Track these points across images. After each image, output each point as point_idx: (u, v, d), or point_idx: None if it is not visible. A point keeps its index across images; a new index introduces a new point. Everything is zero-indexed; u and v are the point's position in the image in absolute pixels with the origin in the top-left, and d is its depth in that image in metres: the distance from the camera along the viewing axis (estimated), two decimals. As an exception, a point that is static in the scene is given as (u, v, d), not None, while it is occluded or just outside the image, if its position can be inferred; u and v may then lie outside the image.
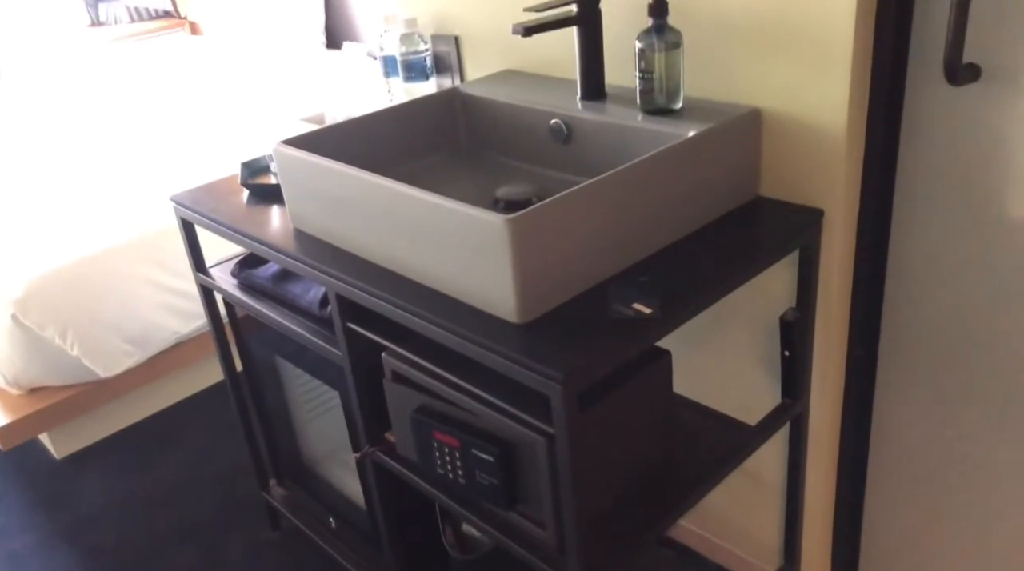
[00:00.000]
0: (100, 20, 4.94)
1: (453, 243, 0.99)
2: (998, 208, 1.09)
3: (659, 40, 1.17)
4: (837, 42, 1.06)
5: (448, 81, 1.66)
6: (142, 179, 2.38)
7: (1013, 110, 1.03)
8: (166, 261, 2.05)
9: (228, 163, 2.32)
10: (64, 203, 2.27)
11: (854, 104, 1.09)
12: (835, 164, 1.13)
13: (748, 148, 1.19)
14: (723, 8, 1.17)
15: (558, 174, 1.31)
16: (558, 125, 1.30)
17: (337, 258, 1.17)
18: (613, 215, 1.02)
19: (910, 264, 1.22)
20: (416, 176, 1.33)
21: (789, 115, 1.16)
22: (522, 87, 1.42)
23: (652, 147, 1.13)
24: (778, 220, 1.17)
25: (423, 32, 1.64)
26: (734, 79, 1.20)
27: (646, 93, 1.20)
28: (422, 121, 1.41)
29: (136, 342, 2.02)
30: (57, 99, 3.41)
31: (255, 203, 1.40)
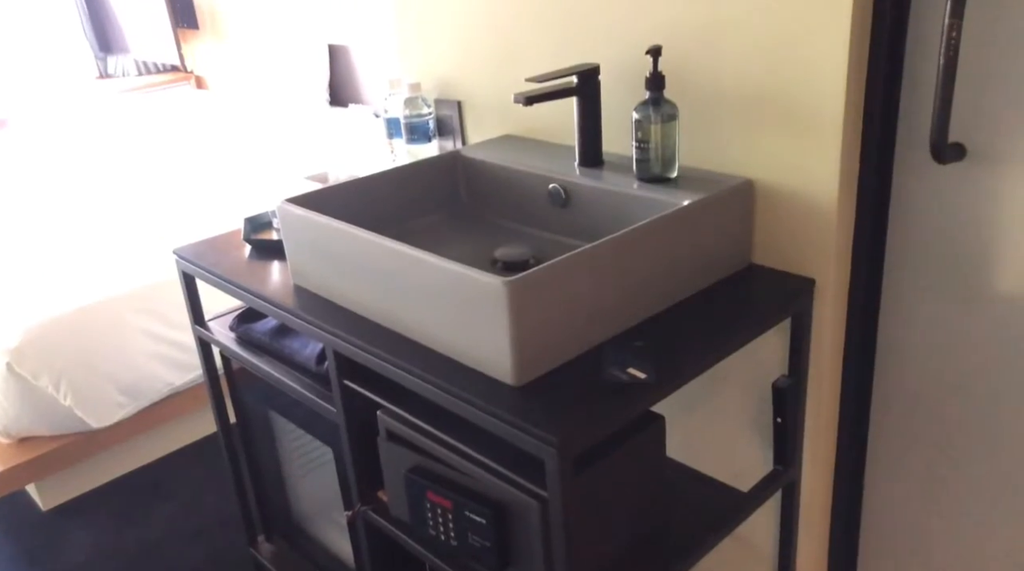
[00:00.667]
0: (108, 72, 5.04)
1: (451, 303, 1.00)
2: (985, 282, 1.12)
3: (656, 112, 1.21)
4: (827, 119, 1.10)
5: (450, 144, 1.70)
6: (143, 230, 2.40)
7: (997, 189, 1.06)
8: (163, 312, 2.06)
9: (230, 217, 2.36)
10: (64, 252, 2.29)
11: (844, 178, 1.13)
12: (826, 235, 1.16)
13: (741, 217, 1.22)
14: (718, 83, 1.22)
15: (555, 237, 1.34)
16: (556, 190, 1.33)
17: (336, 315, 1.19)
18: (609, 280, 1.04)
19: (901, 334, 1.24)
20: (416, 236, 1.36)
21: (781, 187, 1.19)
22: (522, 152, 1.46)
23: (648, 214, 1.16)
24: (771, 288, 1.20)
25: (427, 96, 1.68)
26: (728, 151, 1.24)
27: (642, 162, 1.24)
28: (424, 182, 1.44)
29: (130, 393, 2.02)
30: (63, 149, 3.46)
31: (257, 258, 1.42)
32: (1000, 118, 1.03)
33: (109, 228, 2.44)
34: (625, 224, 1.15)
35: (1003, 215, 1.07)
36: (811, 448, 1.31)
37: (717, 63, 1.21)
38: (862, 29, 1.06)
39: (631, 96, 1.32)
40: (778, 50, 1.12)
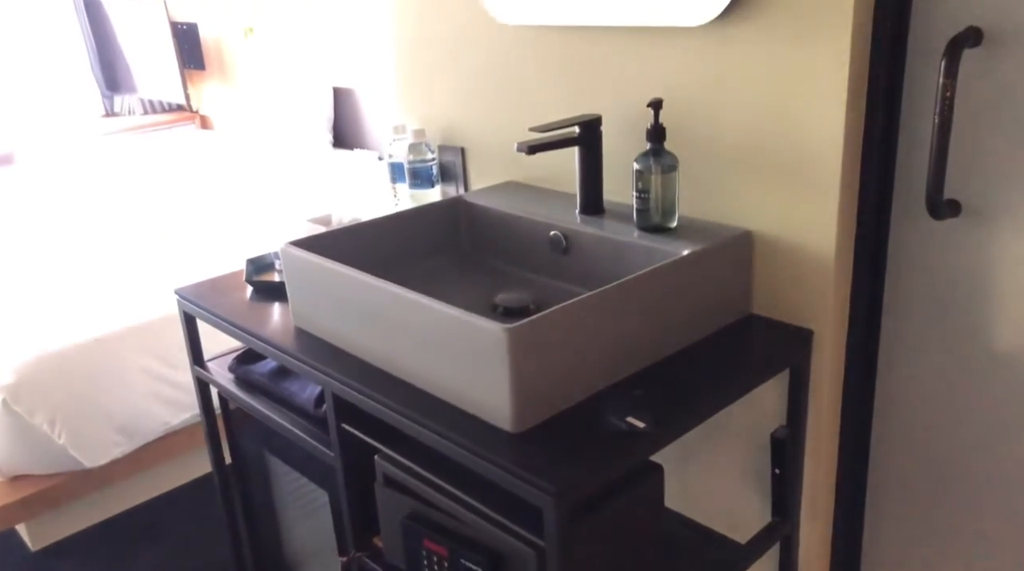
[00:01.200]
0: (114, 111, 5.10)
1: (451, 348, 1.01)
2: (982, 336, 1.13)
3: (656, 163, 1.23)
4: (825, 173, 1.12)
5: (453, 189, 1.72)
6: (144, 268, 2.41)
7: (992, 245, 1.08)
8: (162, 351, 2.06)
9: (233, 257, 2.37)
10: (65, 288, 2.30)
11: (842, 231, 1.14)
12: (824, 288, 1.17)
13: (740, 268, 1.23)
14: (718, 136, 1.24)
15: (555, 283, 1.34)
16: (557, 237, 1.35)
17: (336, 358, 1.19)
18: (609, 328, 1.05)
19: (899, 386, 1.24)
20: (418, 280, 1.37)
21: (780, 238, 1.20)
22: (524, 199, 1.48)
23: (647, 263, 1.17)
24: (769, 339, 1.20)
25: (431, 142, 1.71)
26: (727, 202, 1.26)
27: (643, 211, 1.25)
28: (426, 227, 1.46)
29: (125, 432, 2.01)
30: (67, 185, 3.48)
31: (258, 299, 1.43)
32: (994, 176, 1.05)
33: (110, 265, 2.45)
34: (625, 272, 1.16)
35: (998, 270, 1.08)
36: (809, 500, 1.30)
37: (717, 117, 1.23)
38: (858, 88, 1.09)
39: (632, 146, 1.34)
40: (777, 106, 1.15)
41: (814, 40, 1.08)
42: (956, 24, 1.02)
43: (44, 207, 3.21)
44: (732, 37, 1.17)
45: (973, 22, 1.00)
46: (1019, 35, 0.98)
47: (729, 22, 1.16)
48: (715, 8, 1.14)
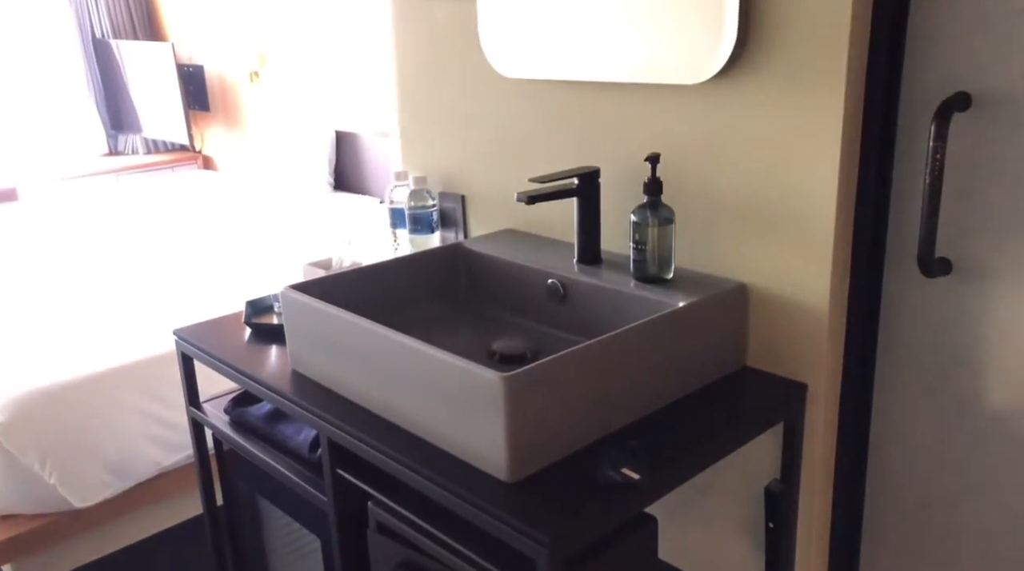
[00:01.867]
0: (118, 149, 5.15)
1: (448, 395, 1.02)
2: (974, 393, 1.14)
3: (653, 216, 1.25)
4: (819, 229, 1.14)
5: (452, 235, 1.74)
6: (141, 306, 2.42)
7: (983, 303, 1.09)
8: (157, 390, 2.06)
9: (230, 297, 2.38)
10: (61, 325, 2.30)
11: (836, 286, 1.16)
12: (818, 342, 1.18)
13: (735, 321, 1.25)
14: (714, 191, 1.26)
15: (553, 331, 1.36)
16: (555, 285, 1.36)
17: (332, 402, 1.19)
18: (605, 378, 1.05)
19: (893, 441, 1.25)
20: (416, 325, 1.38)
21: (774, 292, 1.22)
22: (522, 246, 1.49)
23: (644, 314, 1.18)
24: (763, 392, 1.21)
25: (432, 189, 1.73)
26: (723, 255, 1.28)
27: (639, 262, 1.27)
28: (426, 273, 1.47)
29: (116, 472, 1.99)
30: (68, 222, 3.50)
31: (256, 342, 1.44)
32: (984, 236, 1.07)
33: (108, 302, 2.46)
34: (621, 322, 1.18)
35: (989, 328, 1.10)
36: (803, 554, 1.30)
37: (713, 172, 1.25)
38: (852, 147, 1.11)
39: (630, 198, 1.36)
40: (772, 162, 1.17)
41: (808, 100, 1.11)
42: (946, 88, 1.05)
43: (45, 243, 3.22)
44: (728, 95, 1.20)
45: (962, 87, 1.03)
46: (1006, 101, 1.01)
47: (725, 81, 1.19)
48: (711, 68, 1.17)
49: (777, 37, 1.12)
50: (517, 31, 1.44)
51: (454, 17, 1.59)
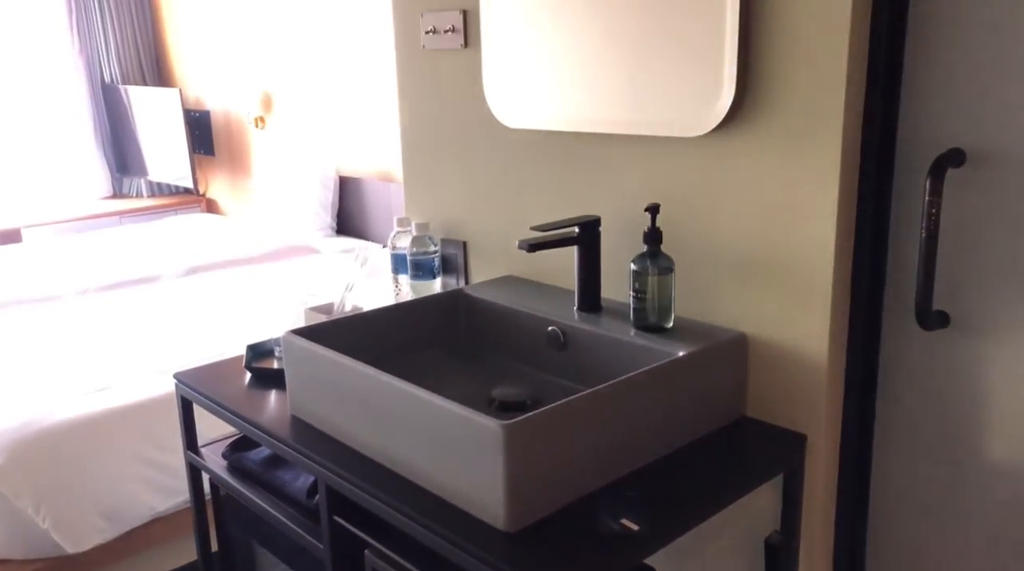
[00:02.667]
0: (123, 192, 5.19)
1: (447, 443, 1.01)
2: (972, 446, 1.14)
3: (653, 265, 1.26)
4: (817, 281, 1.15)
5: (454, 281, 1.75)
6: (141, 348, 2.42)
7: (981, 357, 1.10)
8: (154, 434, 2.05)
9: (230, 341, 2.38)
10: (60, 366, 2.30)
11: (834, 338, 1.17)
12: (817, 393, 1.19)
13: (734, 370, 1.25)
14: (713, 241, 1.28)
15: (552, 378, 1.36)
16: (555, 332, 1.37)
17: (331, 448, 1.19)
18: (605, 426, 1.05)
19: (892, 494, 1.24)
20: (417, 371, 1.38)
21: (773, 342, 1.23)
22: (523, 293, 1.50)
23: (643, 362, 1.19)
24: (763, 443, 1.21)
25: (434, 235, 1.75)
26: (722, 304, 1.28)
27: (639, 311, 1.28)
28: (426, 318, 1.48)
29: (111, 517, 1.97)
30: (70, 263, 3.52)
31: (256, 386, 1.44)
32: (981, 290, 1.08)
33: (107, 344, 2.46)
34: (621, 371, 1.18)
35: (987, 381, 1.10)
36: (805, 609, 1.28)
37: (713, 222, 1.27)
38: (848, 200, 1.13)
39: (630, 247, 1.37)
40: (770, 214, 1.19)
41: (806, 154, 1.13)
42: (940, 144, 1.07)
43: (46, 284, 3.23)
44: (727, 148, 1.22)
45: (956, 144, 1.05)
46: (1000, 157, 1.03)
47: (724, 134, 1.21)
48: (710, 122, 1.20)
49: (775, 93, 1.15)
50: (520, 83, 1.47)
51: (458, 68, 1.62)
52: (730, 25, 1.14)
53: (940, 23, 1.05)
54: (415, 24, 1.68)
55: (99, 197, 4.98)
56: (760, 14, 1.14)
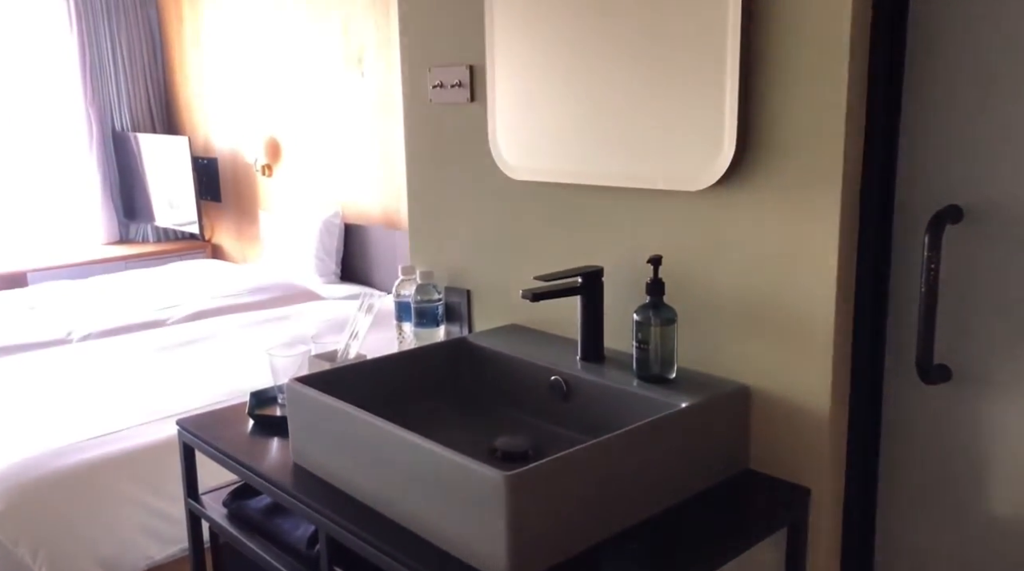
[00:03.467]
0: (129, 237, 5.24)
1: (449, 493, 1.01)
2: (976, 501, 1.13)
3: (655, 316, 1.27)
4: (819, 332, 1.16)
5: (457, 329, 1.76)
6: (143, 393, 2.41)
7: (983, 411, 1.10)
8: (154, 480, 2.04)
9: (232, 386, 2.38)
10: (60, 410, 2.29)
11: (837, 391, 1.17)
12: (820, 446, 1.18)
13: (737, 422, 1.25)
14: (715, 292, 1.29)
15: (555, 428, 1.36)
16: (558, 382, 1.37)
17: (332, 497, 1.19)
18: (608, 478, 1.05)
19: (896, 548, 1.23)
20: (419, 419, 1.38)
21: (776, 394, 1.23)
22: (526, 342, 1.51)
23: (646, 413, 1.19)
24: (767, 496, 1.20)
25: (438, 283, 1.76)
26: (724, 356, 1.29)
27: (642, 361, 1.29)
28: (430, 367, 1.49)
29: (108, 565, 1.95)
30: (74, 307, 3.53)
31: (259, 434, 1.44)
32: (981, 344, 1.09)
33: (109, 388, 2.46)
34: (624, 421, 1.18)
35: (989, 435, 1.10)
36: (810, 667, 1.26)
37: (715, 274, 1.28)
38: (848, 253, 1.15)
39: (632, 297, 1.39)
40: (771, 267, 1.20)
41: (806, 208, 1.15)
42: (938, 200, 1.09)
43: (48, 327, 3.24)
44: (728, 202, 1.24)
45: (954, 200, 1.07)
46: (997, 214, 1.05)
47: (725, 188, 1.24)
48: (711, 176, 1.22)
49: (774, 149, 1.17)
50: (524, 136, 1.50)
51: (464, 121, 1.66)
52: (730, 82, 1.17)
53: (937, 81, 1.08)
54: (423, 78, 1.72)
55: (105, 242, 5.02)
56: (759, 71, 1.17)
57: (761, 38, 1.16)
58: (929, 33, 1.08)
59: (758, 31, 1.16)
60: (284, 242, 4.10)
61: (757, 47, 1.17)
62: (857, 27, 1.08)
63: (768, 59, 1.16)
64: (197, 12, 4.75)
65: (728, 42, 1.16)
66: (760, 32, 1.16)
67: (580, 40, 1.37)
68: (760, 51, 1.17)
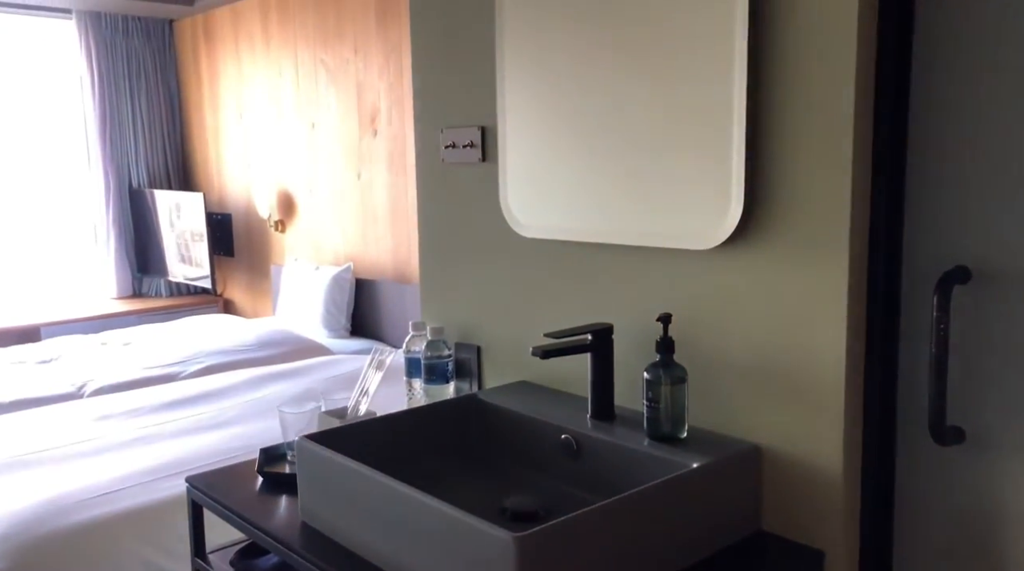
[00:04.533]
0: (142, 292, 5.28)
1: (459, 553, 1.00)
2: (994, 566, 1.11)
3: (666, 374, 1.27)
4: (829, 392, 1.16)
5: (467, 385, 1.76)
6: (151, 449, 2.41)
7: (998, 473, 1.09)
8: (161, 539, 2.02)
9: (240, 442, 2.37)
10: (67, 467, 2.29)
11: (849, 452, 1.16)
12: (833, 507, 1.17)
13: (749, 483, 1.24)
14: (725, 351, 1.29)
15: (565, 487, 1.35)
16: (568, 440, 1.37)
17: (340, 557, 1.18)
18: (619, 539, 1.04)
19: (915, 614, 1.20)
20: (429, 477, 1.37)
21: (788, 455, 1.22)
22: (536, 400, 1.51)
23: (658, 473, 1.18)
24: (780, 559, 1.18)
25: (448, 339, 1.77)
26: (735, 415, 1.29)
27: (653, 420, 1.28)
28: (440, 424, 1.48)
29: (110, 626, 1.92)
30: (86, 361, 3.55)
31: (268, 491, 1.43)
32: (995, 406, 1.08)
33: (118, 444, 2.45)
34: (635, 481, 1.17)
35: (1004, 497, 1.09)
36: None
37: (725, 333, 1.29)
38: (858, 312, 1.15)
39: (642, 355, 1.39)
40: (780, 326, 1.21)
41: (813, 267, 1.16)
42: (946, 261, 1.10)
43: (60, 383, 3.26)
44: (737, 261, 1.25)
45: (961, 261, 1.08)
46: (1004, 275, 1.06)
47: (733, 247, 1.25)
48: (720, 235, 1.23)
49: (782, 208, 1.19)
50: (534, 195, 1.53)
51: (476, 180, 1.69)
52: (737, 144, 1.19)
53: (941, 143, 1.10)
54: (435, 138, 1.76)
55: (118, 296, 5.07)
56: (766, 134, 1.19)
57: (767, 101, 1.19)
58: (934, 97, 1.10)
59: (764, 95, 1.19)
60: (295, 296, 4.13)
61: (763, 111, 1.19)
62: (861, 92, 1.10)
63: (774, 122, 1.18)
64: (215, 74, 4.87)
65: (735, 106, 1.19)
66: (766, 96, 1.19)
67: (589, 101, 1.40)
68: (766, 114, 1.19)
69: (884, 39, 1.10)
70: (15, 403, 3.00)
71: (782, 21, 1.16)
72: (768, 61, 1.18)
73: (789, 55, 1.16)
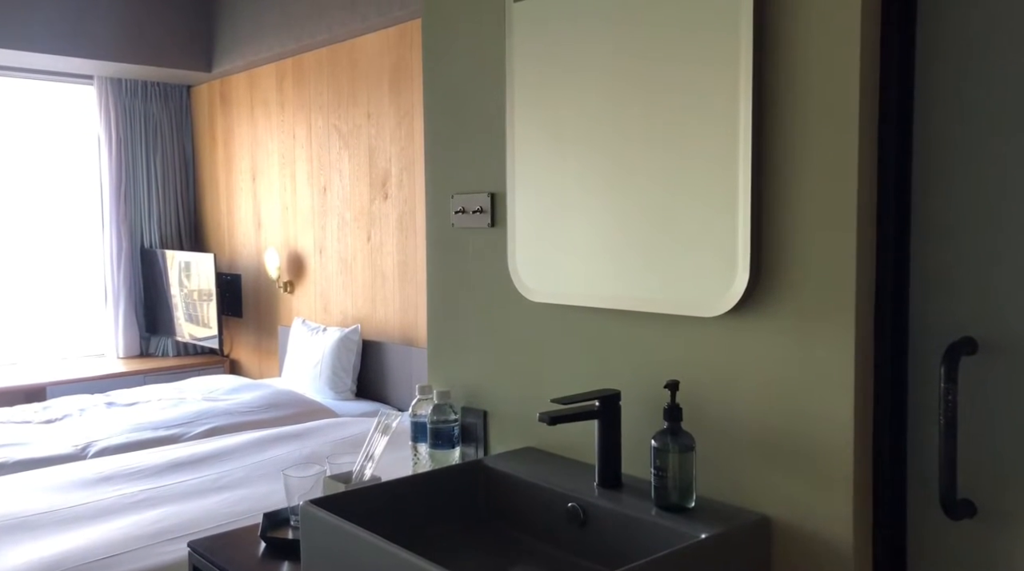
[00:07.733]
0: (149, 352, 5.30)
1: (465, 628, 0.99)
2: (1014, 644, 1.08)
3: (673, 442, 1.26)
4: (838, 463, 1.15)
5: (473, 450, 1.75)
6: (154, 512, 2.38)
7: (1010, 548, 1.07)
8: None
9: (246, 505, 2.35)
10: (69, 532, 2.26)
11: (859, 524, 1.14)
12: (846, 581, 1.15)
13: (758, 554, 1.22)
14: (733, 419, 1.28)
15: (572, 558, 1.33)
16: (575, 509, 1.35)
17: (344, 628, 1.16)
18: (626, 614, 1.02)
19: None
20: (434, 545, 1.35)
21: (797, 527, 1.20)
22: (543, 466, 1.50)
23: (666, 543, 1.17)
24: (792, 633, 1.16)
25: (455, 403, 1.77)
26: (744, 485, 1.27)
27: (660, 489, 1.27)
28: (445, 490, 1.47)
29: None
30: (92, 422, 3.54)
31: (270, 557, 1.41)
32: (1006, 479, 1.07)
33: (120, 507, 2.43)
34: (642, 551, 1.16)
35: (1023, 573, 1.07)
36: None
37: (732, 400, 1.28)
38: (865, 383, 1.15)
39: (650, 422, 1.38)
40: (788, 394, 1.21)
41: (820, 335, 1.16)
42: (952, 332, 1.10)
43: (64, 443, 3.24)
44: (744, 328, 1.26)
45: (967, 332, 1.08)
46: (1011, 347, 1.06)
47: (741, 315, 1.26)
48: (726, 303, 1.24)
49: (788, 276, 1.20)
50: (543, 260, 1.54)
51: (485, 245, 1.71)
52: (742, 213, 1.21)
53: (946, 216, 1.11)
54: (446, 204, 1.79)
55: (125, 356, 5.08)
56: (770, 205, 1.21)
57: (771, 169, 1.21)
58: (936, 164, 1.12)
59: (768, 165, 1.21)
60: (302, 357, 4.13)
61: (767, 180, 1.21)
62: (865, 156, 1.12)
63: (779, 191, 1.20)
64: (230, 137, 4.97)
65: (740, 178, 1.21)
66: (769, 165, 1.21)
67: (597, 170, 1.43)
68: (770, 183, 1.21)
69: (886, 109, 1.13)
70: (19, 463, 2.99)
71: (784, 96, 1.19)
72: (771, 131, 1.21)
73: (792, 130, 1.18)
